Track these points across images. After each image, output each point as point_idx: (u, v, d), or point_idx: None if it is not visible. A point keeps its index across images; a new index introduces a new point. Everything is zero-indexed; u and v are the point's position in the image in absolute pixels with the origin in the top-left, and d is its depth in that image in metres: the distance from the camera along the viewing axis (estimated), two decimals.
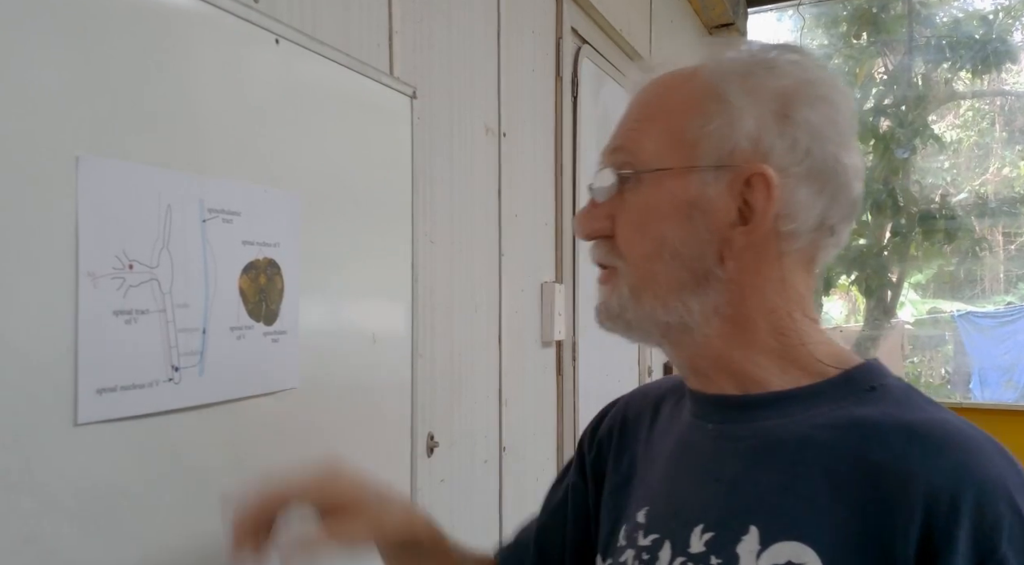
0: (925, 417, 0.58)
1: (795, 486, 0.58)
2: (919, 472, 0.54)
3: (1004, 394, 7.23)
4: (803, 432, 0.60)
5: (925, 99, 7.13)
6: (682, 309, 0.63)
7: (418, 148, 1.21)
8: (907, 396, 0.61)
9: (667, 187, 0.63)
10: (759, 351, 0.63)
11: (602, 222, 0.67)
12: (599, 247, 0.68)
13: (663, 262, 0.63)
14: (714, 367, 0.65)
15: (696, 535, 0.61)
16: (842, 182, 0.63)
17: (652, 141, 0.64)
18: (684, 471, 0.66)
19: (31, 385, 0.61)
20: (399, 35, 1.25)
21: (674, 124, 0.63)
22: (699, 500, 0.63)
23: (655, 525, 0.65)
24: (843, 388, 0.62)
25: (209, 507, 0.78)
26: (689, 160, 0.62)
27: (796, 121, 0.61)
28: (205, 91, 0.79)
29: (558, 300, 1.87)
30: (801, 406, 0.62)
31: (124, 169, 0.69)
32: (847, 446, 0.58)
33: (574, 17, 2.02)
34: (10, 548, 0.60)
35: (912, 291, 8.34)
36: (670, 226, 0.62)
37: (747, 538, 0.58)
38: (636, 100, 0.69)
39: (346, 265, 1.02)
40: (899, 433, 0.57)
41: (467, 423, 1.49)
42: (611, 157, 0.67)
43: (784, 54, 0.64)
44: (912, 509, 0.53)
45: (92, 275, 0.65)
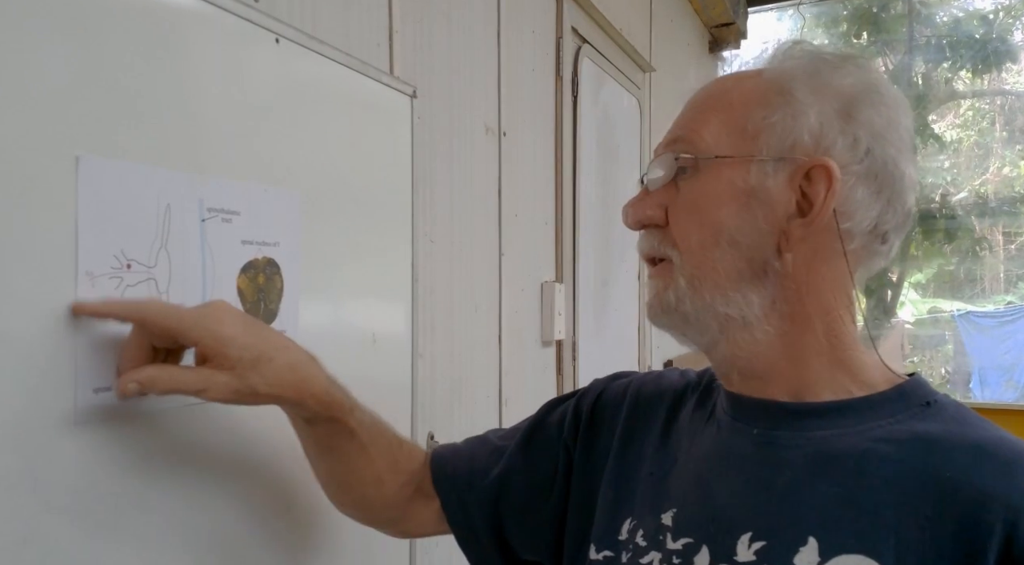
0: (990, 435, 0.58)
1: (857, 499, 0.57)
2: (995, 491, 0.53)
3: (1004, 394, 7.23)
4: (863, 445, 0.59)
5: (925, 98, 7.13)
6: (742, 301, 0.62)
7: (418, 148, 1.21)
8: (962, 413, 0.61)
9: (726, 175, 0.62)
10: (813, 354, 0.63)
11: (655, 210, 0.66)
12: (650, 236, 0.67)
13: (720, 250, 0.62)
14: (770, 370, 0.64)
15: (743, 543, 0.59)
16: (898, 189, 0.62)
17: (713, 131, 0.64)
18: (722, 475, 0.64)
19: (30, 384, 0.61)
20: (399, 35, 1.24)
21: (736, 115, 0.63)
22: (744, 507, 0.61)
23: (686, 529, 0.64)
24: (898, 402, 0.61)
25: (209, 507, 0.78)
26: (750, 150, 0.62)
27: (859, 121, 0.61)
28: (205, 90, 0.78)
29: (558, 300, 1.87)
30: (856, 418, 0.61)
31: (124, 169, 0.68)
32: (912, 461, 0.57)
33: (574, 17, 2.01)
34: (9, 548, 0.60)
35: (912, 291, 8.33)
36: (728, 213, 0.62)
37: (805, 549, 0.56)
38: (697, 96, 0.68)
39: (346, 265, 1.02)
40: (967, 450, 0.56)
41: (467, 423, 1.49)
42: (669, 147, 0.66)
43: (849, 59, 0.64)
44: (991, 528, 0.52)
45: (91, 274, 0.65)
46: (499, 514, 0.81)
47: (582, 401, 0.83)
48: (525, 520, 0.81)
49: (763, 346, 0.63)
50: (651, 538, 0.65)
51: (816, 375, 0.63)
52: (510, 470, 0.82)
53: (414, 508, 0.85)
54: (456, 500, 0.83)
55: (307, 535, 0.93)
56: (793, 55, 0.65)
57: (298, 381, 0.71)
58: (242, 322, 0.69)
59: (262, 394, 0.68)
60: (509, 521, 0.81)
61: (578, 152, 2.02)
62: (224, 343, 0.65)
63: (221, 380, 0.66)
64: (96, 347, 0.66)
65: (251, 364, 0.66)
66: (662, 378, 0.80)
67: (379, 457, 0.81)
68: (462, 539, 0.84)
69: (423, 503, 0.85)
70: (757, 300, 0.62)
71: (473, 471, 0.83)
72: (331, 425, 0.76)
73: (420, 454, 0.87)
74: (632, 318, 2.56)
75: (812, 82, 0.62)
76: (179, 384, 0.65)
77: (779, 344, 0.63)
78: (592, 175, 2.14)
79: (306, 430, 0.79)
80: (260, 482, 0.85)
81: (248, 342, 0.67)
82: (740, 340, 0.64)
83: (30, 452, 0.61)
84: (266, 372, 0.68)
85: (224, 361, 0.65)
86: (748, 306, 0.62)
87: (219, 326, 0.66)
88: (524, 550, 0.82)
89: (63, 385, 0.63)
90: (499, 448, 0.85)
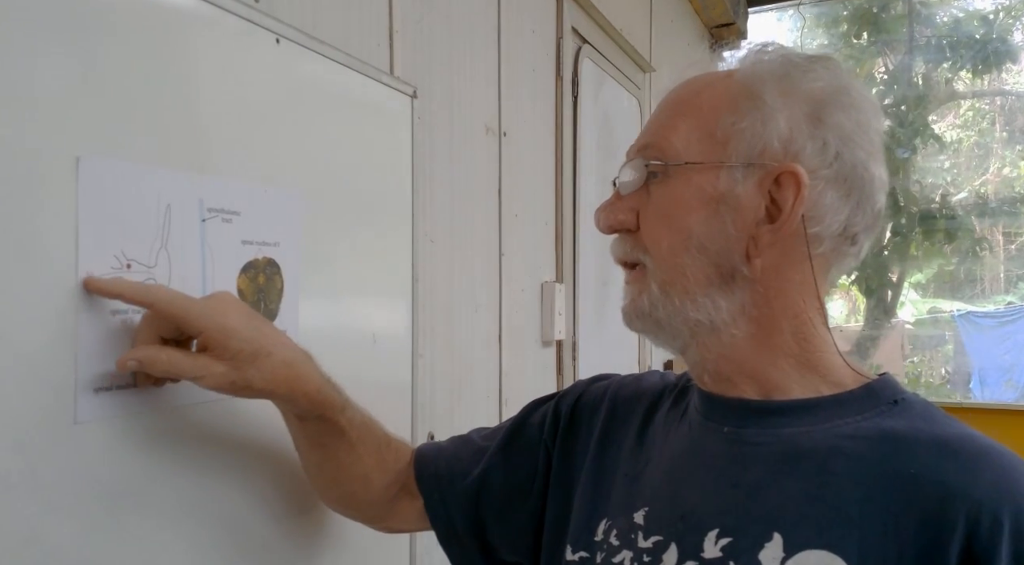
0: (955, 432, 0.59)
1: (823, 495, 0.57)
2: (958, 487, 0.54)
3: (1004, 394, 7.22)
4: (830, 442, 0.60)
5: (925, 99, 7.13)
6: (711, 306, 0.63)
7: (418, 148, 1.21)
8: (929, 411, 0.62)
9: (695, 181, 0.63)
10: (782, 355, 0.64)
11: (626, 214, 0.67)
12: (622, 241, 0.68)
13: (689, 256, 0.63)
14: (738, 371, 0.65)
15: (710, 540, 0.60)
16: (868, 191, 0.63)
17: (682, 136, 0.64)
18: (692, 473, 0.65)
19: (31, 384, 0.61)
20: (399, 35, 1.24)
21: (706, 121, 0.64)
22: (712, 504, 0.62)
23: (656, 527, 0.64)
24: (866, 400, 0.62)
25: (209, 507, 0.78)
26: (719, 156, 0.62)
27: (828, 124, 0.62)
28: (206, 90, 0.78)
29: (558, 300, 1.87)
30: (824, 415, 0.62)
31: (124, 169, 0.69)
32: (878, 458, 0.58)
33: (574, 17, 2.01)
34: (10, 548, 0.60)
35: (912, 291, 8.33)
36: (696, 219, 0.63)
37: (770, 545, 0.57)
38: (668, 99, 0.69)
39: (346, 265, 1.02)
40: (932, 447, 0.57)
41: (467, 423, 1.48)
42: (640, 152, 0.67)
43: (819, 61, 0.64)
44: (954, 524, 0.53)
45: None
46: (479, 514, 0.82)
47: (562, 402, 0.83)
48: (505, 520, 0.81)
49: (731, 349, 0.64)
50: (624, 537, 0.66)
51: (785, 376, 0.64)
52: (490, 470, 0.82)
53: (399, 506, 0.86)
54: (438, 499, 0.83)
55: (307, 535, 0.93)
56: (764, 58, 0.65)
57: (292, 378, 0.72)
58: (245, 315, 0.70)
59: (256, 388, 0.69)
60: (489, 521, 0.82)
61: (578, 152, 2.02)
62: (227, 334, 0.66)
63: (218, 370, 0.67)
64: (97, 347, 0.66)
65: (249, 357, 0.68)
66: (641, 380, 0.81)
67: (367, 455, 0.81)
68: (443, 538, 0.85)
69: (408, 501, 0.85)
70: (725, 305, 0.63)
71: (454, 470, 0.84)
72: (321, 423, 0.77)
73: (407, 453, 0.87)
74: None
75: (782, 85, 0.62)
76: (177, 368, 0.66)
77: (747, 347, 0.64)
78: (592, 175, 2.14)
79: (297, 426, 0.79)
80: (260, 483, 0.85)
81: (249, 336, 0.68)
82: (709, 343, 0.65)
83: (31, 452, 0.61)
84: (263, 366, 0.69)
85: (224, 352, 0.67)
86: (716, 311, 0.63)
87: (223, 318, 0.67)
88: (505, 550, 0.83)
89: (64, 385, 0.64)
90: (481, 448, 0.85)
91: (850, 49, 7.25)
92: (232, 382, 0.67)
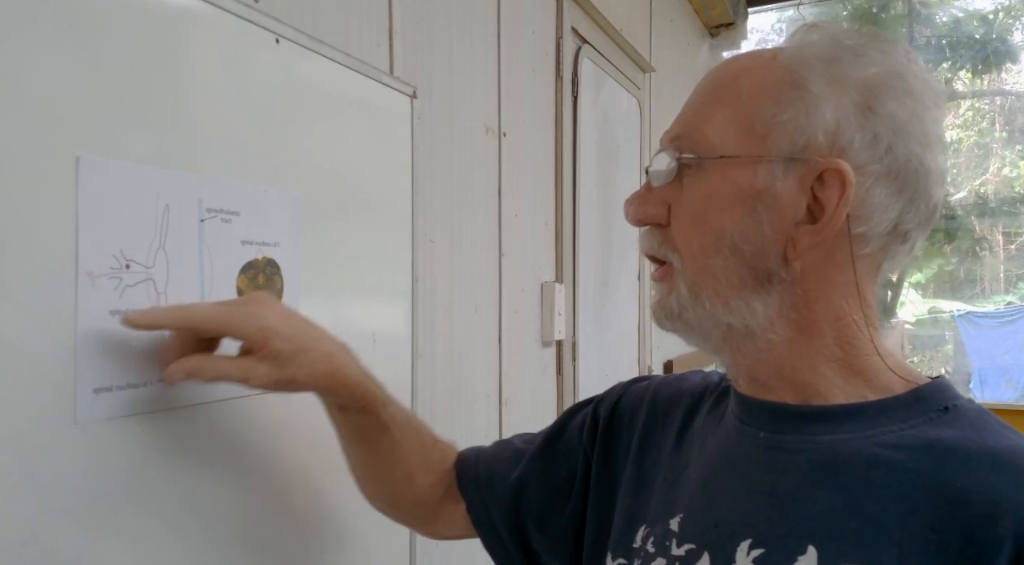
0: (1009, 444, 0.54)
1: (861, 507, 0.54)
2: (1008, 503, 0.50)
3: (1004, 394, 7.22)
4: (870, 451, 0.56)
5: None
6: (745, 310, 0.59)
7: (418, 148, 1.21)
8: (983, 419, 0.58)
9: (731, 176, 0.58)
10: (824, 360, 0.59)
11: (657, 208, 0.63)
12: (651, 235, 0.64)
13: (721, 257, 0.59)
14: (776, 376, 0.61)
15: (742, 551, 0.57)
16: (922, 185, 0.58)
17: (718, 127, 0.60)
18: (727, 479, 0.62)
19: (31, 384, 0.61)
20: (399, 35, 1.24)
21: (744, 110, 0.59)
22: (745, 512, 0.59)
23: (690, 535, 0.62)
24: (913, 407, 0.58)
25: (208, 507, 0.78)
26: (758, 150, 0.58)
27: (879, 114, 0.56)
28: (205, 91, 0.78)
29: (558, 300, 1.87)
30: (867, 422, 0.58)
31: (124, 169, 0.69)
32: (922, 469, 0.54)
33: (574, 17, 2.01)
34: (10, 548, 0.60)
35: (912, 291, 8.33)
36: (731, 218, 0.58)
37: (804, 559, 0.54)
38: (705, 82, 0.64)
39: (346, 265, 1.02)
40: (982, 459, 0.53)
41: (467, 423, 1.49)
42: (672, 143, 0.62)
43: (873, 42, 0.59)
44: (1000, 542, 0.49)
45: (91, 274, 0.65)
46: (519, 518, 0.80)
47: (600, 406, 0.80)
48: (545, 525, 0.79)
49: (768, 353, 0.60)
50: (659, 544, 0.64)
51: (827, 381, 0.60)
52: (528, 474, 0.81)
53: (444, 509, 0.85)
54: (479, 502, 0.82)
55: (307, 535, 0.93)
56: (813, 38, 0.60)
57: (332, 370, 0.73)
58: (284, 315, 0.72)
59: (299, 383, 0.72)
60: (529, 525, 0.80)
61: (578, 152, 2.02)
62: (267, 336, 0.68)
63: (262, 370, 0.69)
64: (96, 347, 0.66)
65: (291, 355, 0.69)
66: (682, 381, 0.77)
67: (411, 454, 0.81)
68: (486, 542, 0.84)
69: (453, 505, 0.85)
70: (761, 308, 0.59)
71: (493, 473, 0.83)
72: (364, 416, 0.78)
73: (452, 455, 0.87)
74: (632, 318, 2.56)
75: (830, 71, 0.57)
76: (223, 372, 0.68)
77: (786, 351, 0.60)
78: (592, 175, 2.14)
79: (340, 418, 0.80)
80: (259, 483, 0.85)
81: (288, 333, 0.70)
82: (744, 348, 0.61)
83: (30, 452, 0.61)
84: (304, 362, 0.71)
85: (267, 353, 0.69)
86: (752, 315, 0.59)
87: (263, 321, 0.69)
88: (547, 555, 0.81)
89: (63, 385, 0.63)
90: (519, 451, 0.84)
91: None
92: (276, 380, 0.70)
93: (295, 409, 0.91)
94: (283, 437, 0.84)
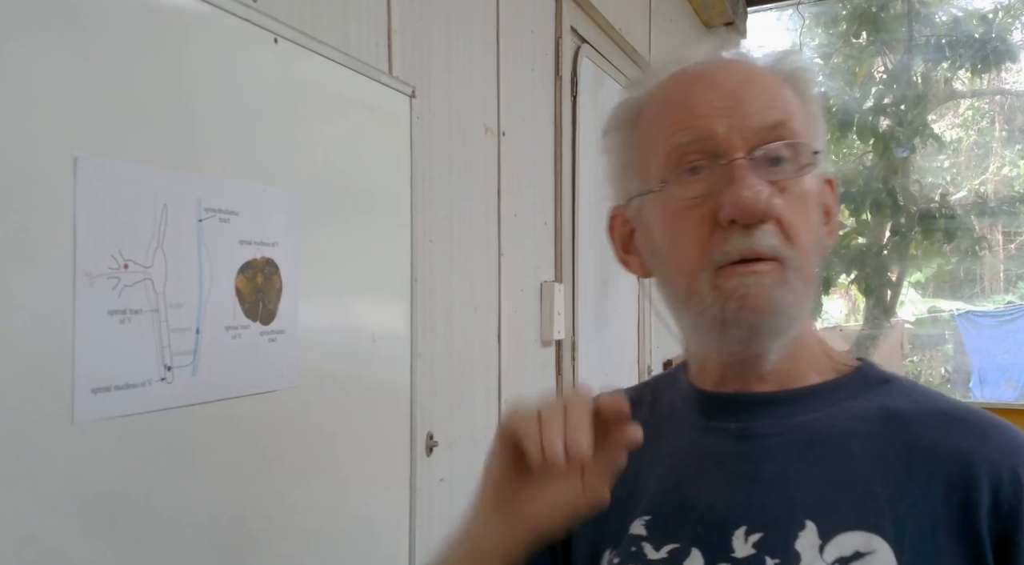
0: (953, 404, 0.61)
1: (847, 478, 0.57)
2: (974, 451, 0.56)
3: (1004, 393, 7.22)
4: (841, 424, 0.60)
5: (925, 98, 7.12)
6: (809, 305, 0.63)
7: (417, 147, 1.21)
8: (918, 388, 0.63)
9: (814, 174, 0.61)
10: (804, 345, 0.64)
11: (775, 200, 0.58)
12: (770, 233, 0.58)
13: (815, 252, 0.61)
14: (777, 366, 0.62)
15: (739, 538, 0.58)
16: None
17: (800, 121, 0.61)
18: (702, 475, 0.63)
19: (29, 384, 0.61)
20: (398, 34, 1.24)
21: (810, 108, 0.62)
22: (733, 502, 0.60)
23: (669, 534, 0.61)
24: (861, 382, 0.63)
25: (208, 507, 0.78)
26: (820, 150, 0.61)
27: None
28: (203, 90, 0.78)
29: (558, 299, 1.87)
30: (830, 400, 0.62)
31: (122, 169, 0.68)
32: (891, 435, 0.58)
33: (573, 16, 2.01)
34: (9, 548, 0.60)
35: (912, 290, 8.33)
36: (815, 214, 0.62)
37: (804, 534, 0.56)
38: (765, 70, 0.62)
39: (345, 264, 1.02)
40: (939, 419, 0.59)
41: (467, 423, 1.49)
42: (777, 130, 0.59)
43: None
44: (978, 486, 0.54)
45: (89, 275, 0.65)
46: None
47: None
48: None
49: (790, 347, 0.62)
50: (625, 553, 0.62)
51: (805, 366, 0.64)
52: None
53: None
54: None
55: (307, 535, 0.93)
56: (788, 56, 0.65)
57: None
58: None
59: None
60: None
61: (577, 152, 2.02)
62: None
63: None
64: (95, 347, 0.66)
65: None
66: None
67: None
68: None
69: None
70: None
71: None
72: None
73: None
74: (632, 318, 2.55)
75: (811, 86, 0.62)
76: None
77: (794, 343, 0.63)
78: (592, 175, 2.14)
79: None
80: (259, 483, 0.85)
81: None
82: (788, 343, 0.61)
83: (29, 452, 0.61)
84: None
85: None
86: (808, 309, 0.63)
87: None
88: None
89: (61, 384, 0.63)
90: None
91: (849, 49, 7.25)
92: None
93: (295, 409, 0.91)
94: (283, 437, 0.84)
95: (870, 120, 6.89)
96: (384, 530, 1.12)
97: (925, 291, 8.51)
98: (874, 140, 6.84)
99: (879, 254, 7.12)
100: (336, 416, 1.00)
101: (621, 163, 0.69)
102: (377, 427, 1.11)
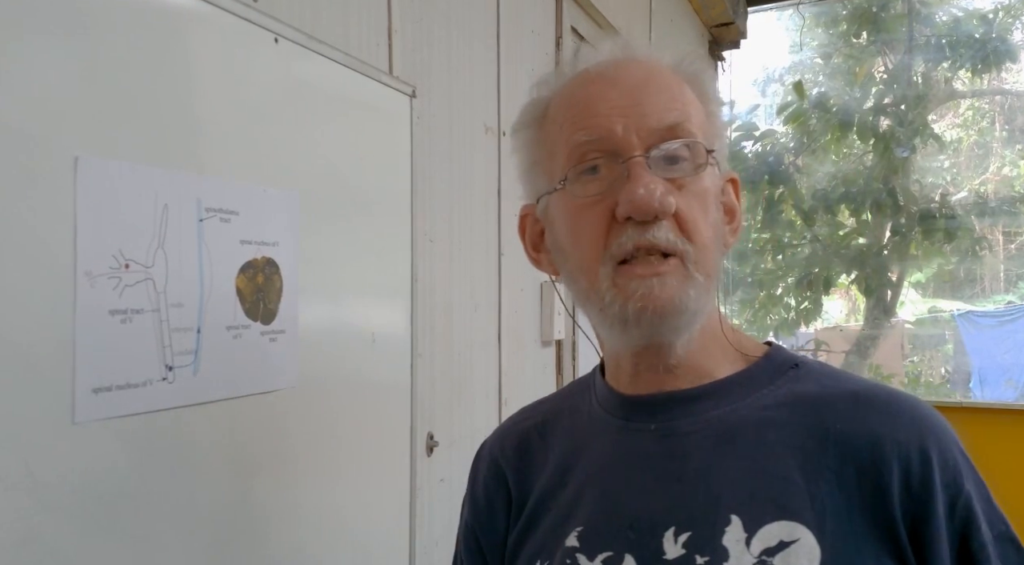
0: (862, 384, 0.61)
1: (766, 468, 0.58)
2: (883, 432, 0.56)
3: (1004, 393, 7.21)
4: (756, 415, 0.61)
5: (925, 98, 7.12)
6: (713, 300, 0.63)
7: (417, 147, 1.21)
8: (826, 369, 0.64)
9: (711, 172, 0.62)
10: (711, 340, 0.64)
11: (671, 197, 0.59)
12: (667, 228, 0.59)
13: (715, 247, 0.62)
14: (685, 361, 0.62)
15: (669, 540, 0.58)
16: None
17: (697, 121, 0.62)
18: (628, 479, 0.62)
19: (30, 384, 0.61)
20: (398, 34, 1.24)
21: (710, 108, 0.64)
22: (660, 503, 0.60)
23: (600, 543, 0.61)
24: (771, 369, 0.63)
25: (208, 507, 0.78)
26: (715, 147, 0.62)
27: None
28: (204, 90, 0.78)
29: (557, 299, 1.87)
30: (743, 391, 0.62)
31: (122, 169, 0.68)
32: (803, 421, 0.59)
33: (574, 16, 2.01)
34: (9, 547, 0.60)
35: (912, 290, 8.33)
36: (715, 211, 0.62)
37: (730, 529, 0.56)
38: (664, 71, 0.63)
39: (345, 264, 1.02)
40: (848, 402, 0.59)
41: (467, 423, 1.49)
42: (675, 131, 0.60)
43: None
44: (889, 466, 0.55)
45: (89, 274, 0.65)
46: None
47: (471, 519, 0.78)
48: None
49: (696, 340, 0.63)
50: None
51: (715, 360, 0.64)
52: None
53: None
54: None
55: (307, 534, 0.93)
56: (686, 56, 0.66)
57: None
58: None
59: None
60: None
61: None
62: None
63: None
64: (96, 347, 0.66)
65: None
66: (512, 423, 0.79)
67: None
68: None
69: None
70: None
71: None
72: None
73: None
74: None
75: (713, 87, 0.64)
76: None
77: (701, 336, 0.63)
78: None
79: None
80: (259, 483, 0.85)
81: None
82: (694, 337, 0.62)
83: (29, 452, 0.61)
84: None
85: None
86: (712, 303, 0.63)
87: None
88: None
89: (61, 384, 0.63)
90: None
91: (850, 48, 7.24)
92: None
93: (295, 409, 0.91)
94: (283, 437, 0.84)
95: (870, 120, 6.88)
96: (384, 530, 1.12)
97: (925, 291, 8.51)
98: (874, 140, 6.84)
99: (879, 254, 7.12)
100: (336, 416, 1.00)
101: (529, 161, 0.72)
102: (377, 427, 1.11)
